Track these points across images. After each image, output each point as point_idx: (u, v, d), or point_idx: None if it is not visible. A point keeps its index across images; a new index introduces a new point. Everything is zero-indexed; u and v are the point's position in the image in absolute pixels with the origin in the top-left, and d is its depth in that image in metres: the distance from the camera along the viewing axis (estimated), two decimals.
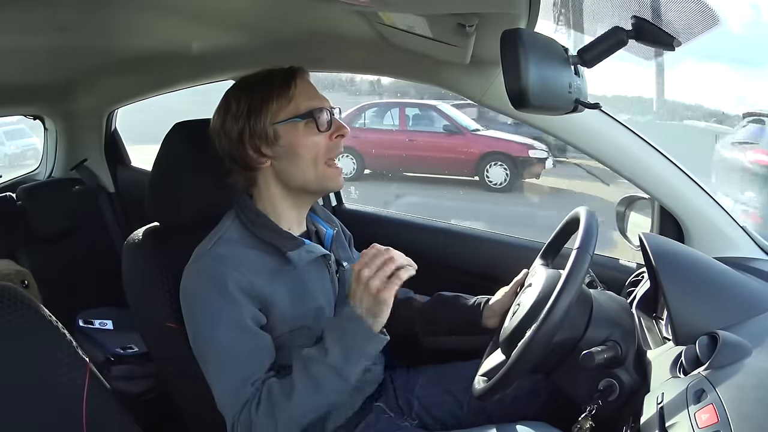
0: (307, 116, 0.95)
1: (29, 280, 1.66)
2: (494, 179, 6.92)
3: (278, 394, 0.87)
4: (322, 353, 0.86)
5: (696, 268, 0.90)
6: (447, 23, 0.82)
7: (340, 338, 0.86)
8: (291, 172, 0.96)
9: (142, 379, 1.64)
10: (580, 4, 0.86)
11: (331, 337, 0.87)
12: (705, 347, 0.75)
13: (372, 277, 0.84)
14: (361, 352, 0.86)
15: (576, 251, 0.84)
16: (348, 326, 0.86)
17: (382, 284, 0.84)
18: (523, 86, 0.67)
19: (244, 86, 0.97)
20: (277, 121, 0.94)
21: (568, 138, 1.15)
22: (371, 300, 0.84)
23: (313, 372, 0.86)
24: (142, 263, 1.07)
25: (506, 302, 1.05)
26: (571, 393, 0.92)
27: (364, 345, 0.86)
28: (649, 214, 1.24)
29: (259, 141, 0.94)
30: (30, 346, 0.85)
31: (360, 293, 0.85)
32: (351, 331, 0.85)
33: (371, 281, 0.84)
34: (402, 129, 7.52)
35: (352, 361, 0.86)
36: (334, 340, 0.86)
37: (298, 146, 0.95)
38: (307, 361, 0.87)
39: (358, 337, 0.85)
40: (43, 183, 2.08)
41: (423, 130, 7.44)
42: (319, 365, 0.86)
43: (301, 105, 0.95)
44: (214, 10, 1.15)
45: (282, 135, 0.95)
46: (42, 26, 1.13)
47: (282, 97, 0.95)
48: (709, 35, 0.75)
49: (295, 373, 0.87)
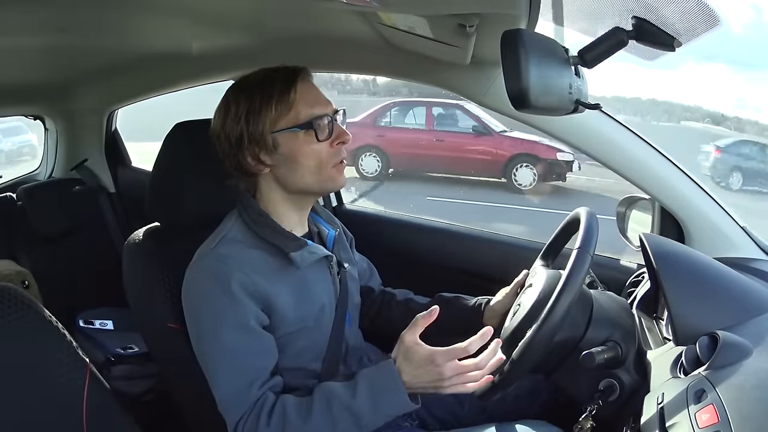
0: (307, 126, 0.92)
1: (29, 280, 1.65)
2: (522, 181, 6.89)
3: (294, 414, 0.87)
4: (349, 396, 0.86)
5: (696, 269, 0.90)
6: (447, 24, 0.82)
7: (371, 391, 0.85)
8: (291, 179, 0.95)
9: (143, 380, 1.64)
10: (580, 4, 0.86)
11: (364, 386, 0.86)
12: (705, 347, 0.75)
13: (449, 379, 0.83)
14: (389, 412, 0.86)
15: (576, 251, 0.85)
16: (387, 385, 0.85)
17: (450, 387, 0.84)
18: (523, 87, 0.67)
19: (243, 87, 0.94)
20: (276, 129, 0.92)
21: (568, 138, 1.15)
22: (430, 389, 0.85)
23: (333, 411, 0.86)
24: (142, 263, 1.07)
25: (507, 303, 1.05)
26: (571, 393, 0.92)
27: (395, 408, 0.86)
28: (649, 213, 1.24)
29: (257, 148, 0.93)
30: (30, 346, 0.85)
31: (427, 375, 0.84)
32: (388, 391, 0.85)
33: (445, 381, 0.83)
34: (429, 128, 7.47)
35: (378, 416, 0.86)
36: (365, 391, 0.85)
37: (298, 155, 0.93)
38: (331, 397, 0.86)
39: (393, 399, 0.85)
40: (43, 183, 2.08)
41: (451, 130, 7.36)
42: (342, 408, 0.85)
43: (301, 113, 0.92)
44: (214, 10, 1.15)
45: (281, 143, 0.93)
46: (42, 26, 1.13)
47: (282, 103, 0.92)
48: (710, 36, 0.75)
49: (316, 404, 0.87)
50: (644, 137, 1.14)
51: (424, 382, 0.84)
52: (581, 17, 0.86)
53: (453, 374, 0.83)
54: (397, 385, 0.85)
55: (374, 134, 7.50)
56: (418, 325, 0.86)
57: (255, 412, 0.88)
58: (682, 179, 1.12)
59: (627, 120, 1.17)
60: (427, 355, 0.84)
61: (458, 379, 0.84)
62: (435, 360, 0.83)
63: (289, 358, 0.95)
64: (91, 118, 2.05)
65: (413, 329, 0.86)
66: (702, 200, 1.12)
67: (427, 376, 0.84)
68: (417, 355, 0.84)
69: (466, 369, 0.84)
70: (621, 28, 0.74)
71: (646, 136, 1.15)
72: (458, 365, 0.83)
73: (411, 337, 0.86)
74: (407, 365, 0.85)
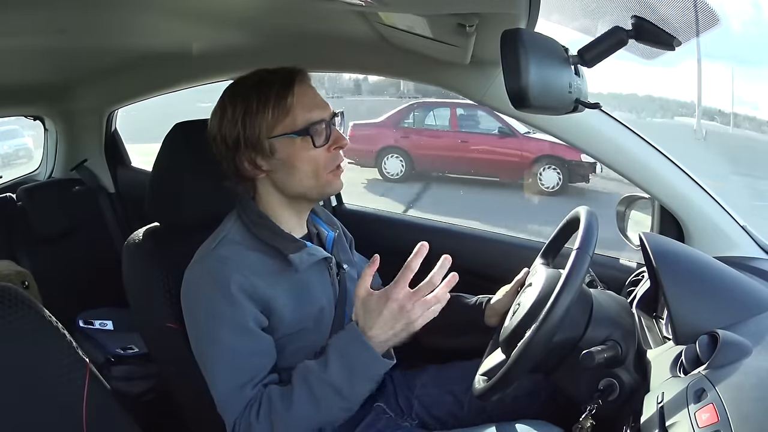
0: (304, 132, 0.91)
1: (29, 280, 1.66)
2: (547, 183, 6.79)
3: (278, 402, 0.86)
4: (322, 369, 0.85)
5: (696, 268, 0.90)
6: (447, 23, 0.82)
7: (342, 358, 0.84)
8: (289, 183, 0.95)
9: (143, 380, 1.64)
10: (580, 4, 0.86)
11: (334, 355, 0.85)
12: (705, 347, 0.75)
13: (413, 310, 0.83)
14: (365, 374, 0.86)
15: (576, 251, 0.84)
16: (354, 348, 0.84)
17: (423, 314, 0.84)
18: (523, 86, 0.67)
19: (240, 89, 0.93)
20: (273, 135, 0.91)
21: (568, 138, 1.15)
22: (403, 333, 0.84)
23: (313, 388, 0.85)
24: (142, 263, 1.07)
25: (507, 301, 1.05)
26: (571, 393, 0.92)
27: (370, 368, 0.85)
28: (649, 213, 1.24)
29: (254, 153, 0.92)
30: (30, 346, 0.85)
31: (391, 317, 0.83)
32: (357, 353, 0.84)
33: (411, 314, 0.83)
34: (454, 130, 7.39)
35: (356, 382, 0.85)
36: (336, 360, 0.85)
37: (295, 160, 0.92)
38: (307, 374, 0.86)
39: (365, 360, 0.84)
40: (43, 183, 2.08)
41: (475, 131, 7.28)
42: (319, 383, 0.85)
43: (298, 118, 0.91)
44: (214, 10, 1.15)
45: (278, 149, 0.92)
46: (42, 27, 1.13)
47: (278, 108, 0.90)
48: (710, 34, 0.75)
49: (295, 386, 0.86)
50: (644, 137, 1.14)
51: (394, 327, 0.84)
52: (581, 16, 0.86)
53: (413, 302, 0.83)
54: (364, 345, 0.84)
55: (398, 135, 7.43)
56: (365, 276, 0.86)
57: (248, 410, 0.88)
58: (682, 178, 1.12)
59: (621, 116, 1.17)
60: (380, 295, 0.84)
61: (421, 307, 0.83)
62: (390, 295, 0.83)
63: (288, 359, 0.95)
64: (91, 118, 2.05)
65: (362, 282, 0.86)
66: (702, 199, 1.12)
67: (392, 319, 0.83)
68: (372, 302, 0.84)
69: (422, 292, 0.84)
70: (621, 27, 0.74)
71: (638, 131, 1.15)
72: (413, 291, 0.83)
73: (361, 290, 0.85)
74: (370, 318, 0.84)
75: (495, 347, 1.02)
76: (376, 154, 7.41)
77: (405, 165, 7.37)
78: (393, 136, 7.43)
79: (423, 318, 0.84)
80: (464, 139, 7.25)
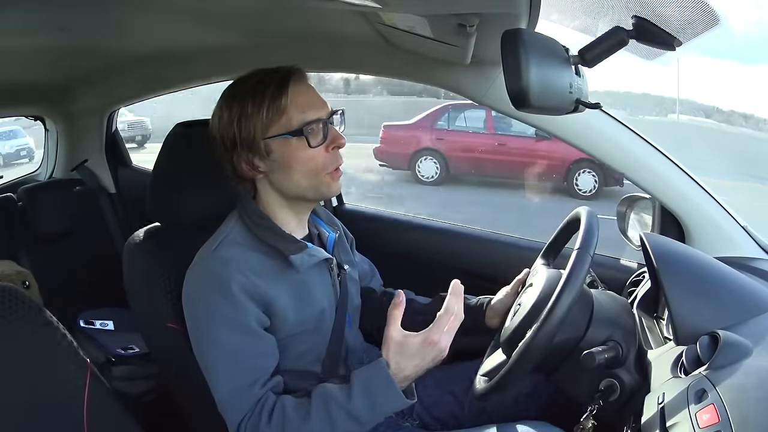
0: (298, 133, 0.90)
1: (30, 280, 1.65)
2: (583, 187, 6.75)
3: (293, 414, 0.87)
4: (345, 398, 0.86)
5: (697, 268, 0.90)
6: (447, 23, 0.82)
7: (367, 392, 0.86)
8: (286, 184, 0.94)
9: (143, 380, 1.64)
10: (581, 4, 0.86)
11: (359, 387, 0.86)
12: (706, 347, 0.75)
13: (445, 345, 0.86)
14: (386, 411, 0.88)
15: (577, 251, 0.84)
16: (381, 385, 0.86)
17: (446, 349, 0.86)
18: (523, 86, 0.67)
19: (237, 90, 0.93)
20: (268, 136, 0.91)
21: (569, 138, 1.15)
22: (435, 362, 0.86)
23: (331, 412, 0.86)
24: (143, 263, 1.07)
25: (508, 302, 1.05)
26: (572, 393, 0.92)
27: (392, 406, 0.87)
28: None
29: (251, 154, 0.92)
30: (31, 346, 0.85)
31: (428, 356, 0.85)
32: (383, 391, 0.86)
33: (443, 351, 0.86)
34: (490, 132, 7.28)
35: (375, 416, 0.87)
36: (361, 392, 0.86)
37: (291, 161, 0.92)
38: (328, 399, 0.87)
39: (389, 398, 0.86)
40: (43, 184, 2.08)
41: (511, 133, 7.16)
42: (339, 410, 0.86)
43: (293, 119, 0.91)
44: (214, 10, 1.15)
45: (274, 149, 0.92)
46: (42, 26, 1.13)
47: (273, 109, 0.90)
48: (711, 34, 0.75)
49: (314, 405, 0.87)
50: (644, 137, 1.14)
51: (426, 364, 0.86)
52: (582, 16, 0.86)
53: (446, 340, 0.86)
54: (392, 384, 0.85)
55: (432, 137, 7.31)
56: (395, 317, 0.87)
57: (256, 412, 0.88)
58: (683, 178, 1.12)
59: (613, 113, 1.17)
60: (422, 341, 0.85)
61: (448, 338, 0.86)
62: (430, 339, 0.85)
63: (289, 360, 0.95)
64: (92, 118, 2.05)
65: (394, 324, 0.87)
66: (702, 199, 1.12)
67: (428, 357, 0.86)
68: (412, 346, 0.86)
69: (451, 328, 0.86)
70: (621, 27, 0.74)
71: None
72: (447, 330, 0.86)
73: (396, 333, 0.86)
74: (405, 360, 0.86)
75: (495, 348, 1.02)
76: (410, 157, 7.27)
77: (440, 168, 7.22)
78: (428, 138, 7.29)
79: (448, 345, 0.87)
80: (501, 141, 7.15)
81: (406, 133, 7.44)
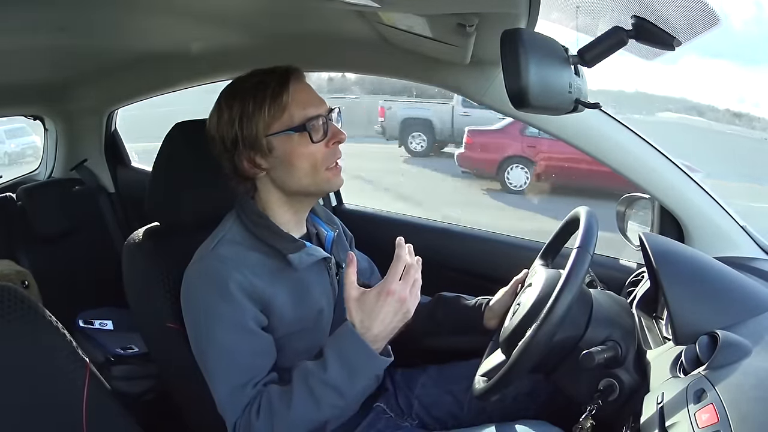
0: (301, 128, 0.91)
1: (29, 280, 1.66)
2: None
3: (278, 401, 0.87)
4: (321, 370, 0.85)
5: (696, 268, 0.90)
6: (447, 23, 0.82)
7: (341, 360, 0.84)
8: (288, 181, 0.95)
9: (143, 380, 1.64)
10: (580, 4, 0.86)
11: (332, 357, 0.85)
12: (705, 347, 0.75)
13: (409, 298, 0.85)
14: (365, 374, 0.86)
15: (577, 249, 0.84)
16: (353, 349, 0.84)
17: (412, 303, 0.85)
18: (523, 86, 0.67)
19: (236, 90, 0.94)
20: (270, 133, 0.92)
21: (568, 138, 1.15)
22: (402, 321, 0.85)
23: (313, 389, 0.85)
24: (142, 263, 1.07)
25: (506, 302, 1.05)
26: (571, 393, 0.92)
27: (370, 369, 0.86)
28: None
29: (252, 152, 0.93)
30: (30, 346, 0.85)
31: (391, 310, 0.84)
32: (356, 354, 0.84)
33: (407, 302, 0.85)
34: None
35: (356, 382, 0.85)
36: (336, 361, 0.85)
37: (293, 157, 0.93)
38: (307, 375, 0.86)
39: (364, 360, 0.84)
40: (43, 183, 2.08)
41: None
42: (320, 384, 0.85)
43: (295, 115, 0.92)
44: (214, 10, 1.15)
45: (276, 146, 0.92)
46: (42, 26, 1.13)
47: (274, 106, 0.91)
48: (711, 33, 0.75)
49: (295, 387, 0.86)
50: (644, 137, 1.14)
51: (393, 321, 0.85)
52: (581, 16, 0.86)
53: (407, 290, 0.85)
54: (362, 344, 0.84)
55: (523, 145, 6.93)
56: (349, 275, 0.87)
57: (248, 410, 0.88)
58: (682, 178, 1.12)
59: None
60: (378, 293, 0.84)
61: (406, 288, 0.85)
62: (389, 290, 0.84)
63: (288, 359, 0.95)
64: (91, 118, 2.05)
65: (348, 284, 0.86)
66: (702, 199, 1.12)
67: (392, 313, 0.84)
68: (370, 301, 0.85)
69: (413, 278, 0.86)
70: (621, 27, 0.74)
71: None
72: (406, 280, 0.85)
73: (353, 290, 0.86)
74: (368, 317, 0.84)
75: (494, 348, 1.02)
76: (499, 164, 6.85)
77: (530, 176, 6.85)
78: (518, 146, 6.90)
79: (414, 303, 0.86)
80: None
81: (494, 139, 7.02)
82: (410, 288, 0.85)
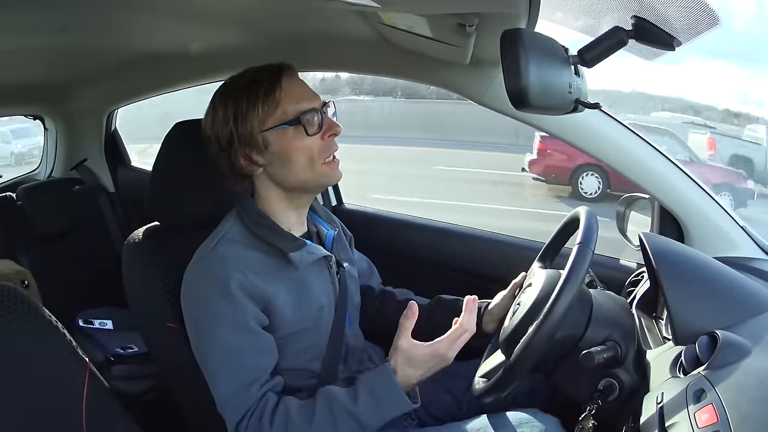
0: (295, 122, 0.92)
1: (29, 280, 1.66)
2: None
3: (296, 416, 0.88)
4: (350, 402, 0.88)
5: (696, 268, 0.90)
6: (447, 23, 0.82)
7: (372, 397, 0.88)
8: (285, 176, 0.95)
9: (142, 379, 1.64)
10: (581, 4, 0.86)
11: (365, 392, 0.89)
12: (705, 347, 0.75)
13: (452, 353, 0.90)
14: (390, 415, 0.90)
15: (578, 246, 0.84)
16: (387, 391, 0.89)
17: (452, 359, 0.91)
18: (523, 86, 0.67)
19: (229, 90, 0.94)
20: (265, 128, 0.92)
21: (568, 138, 1.15)
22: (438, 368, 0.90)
23: (336, 415, 0.88)
24: (142, 263, 1.07)
25: (504, 306, 1.05)
26: (570, 393, 0.92)
27: (396, 410, 0.90)
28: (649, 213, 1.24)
29: (248, 149, 0.93)
30: (30, 346, 0.85)
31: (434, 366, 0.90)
32: (388, 396, 0.88)
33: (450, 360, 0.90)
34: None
35: (379, 420, 0.89)
36: (366, 397, 0.88)
37: (289, 151, 0.93)
38: (333, 401, 0.89)
39: (394, 403, 0.89)
40: (43, 183, 2.08)
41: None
42: (344, 413, 0.88)
43: (288, 110, 0.92)
44: (214, 9, 1.15)
45: (272, 142, 0.93)
46: (42, 26, 1.13)
47: (268, 102, 0.92)
48: (713, 33, 0.75)
49: (318, 407, 0.89)
50: (643, 137, 1.14)
51: (431, 372, 0.90)
52: (581, 16, 0.86)
53: (455, 353, 0.90)
54: (398, 390, 0.88)
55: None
56: (406, 327, 0.91)
57: (257, 413, 0.88)
58: (682, 178, 1.12)
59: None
60: (431, 353, 0.89)
61: (456, 351, 0.91)
62: (439, 353, 0.89)
63: (289, 359, 0.95)
64: (91, 118, 2.05)
65: (404, 334, 0.90)
66: (702, 199, 1.12)
67: (434, 368, 0.90)
68: (420, 357, 0.89)
69: (462, 341, 0.91)
70: (621, 27, 0.74)
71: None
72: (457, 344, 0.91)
73: (405, 342, 0.90)
74: (413, 369, 0.89)
75: (494, 349, 1.02)
76: (572, 171, 6.93)
77: (602, 184, 6.88)
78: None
79: (453, 356, 0.91)
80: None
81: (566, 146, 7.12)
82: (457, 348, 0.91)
